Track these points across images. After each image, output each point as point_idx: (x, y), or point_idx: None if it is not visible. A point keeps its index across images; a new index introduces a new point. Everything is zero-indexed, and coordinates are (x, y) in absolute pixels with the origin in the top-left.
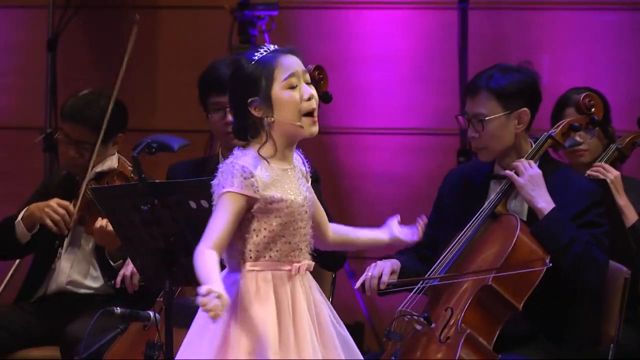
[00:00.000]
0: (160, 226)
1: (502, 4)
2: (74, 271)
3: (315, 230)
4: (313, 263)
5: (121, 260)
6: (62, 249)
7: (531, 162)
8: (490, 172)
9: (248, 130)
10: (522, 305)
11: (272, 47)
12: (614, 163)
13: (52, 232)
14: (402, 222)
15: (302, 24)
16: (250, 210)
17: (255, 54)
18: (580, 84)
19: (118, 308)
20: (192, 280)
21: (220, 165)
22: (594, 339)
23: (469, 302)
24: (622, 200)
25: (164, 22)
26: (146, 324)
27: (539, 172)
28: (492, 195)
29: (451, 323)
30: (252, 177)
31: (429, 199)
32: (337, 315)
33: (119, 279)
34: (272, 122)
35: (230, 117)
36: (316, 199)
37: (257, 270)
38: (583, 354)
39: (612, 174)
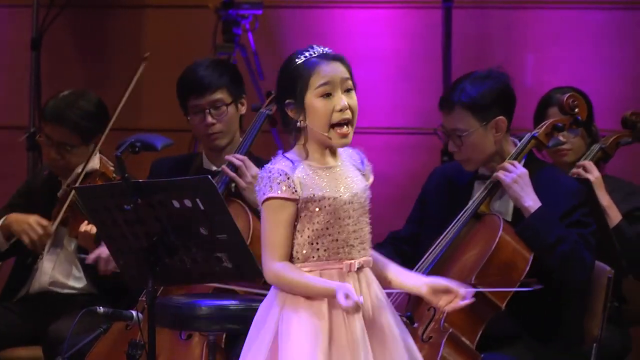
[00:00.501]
0: (143, 226)
1: (486, 3)
2: (57, 271)
3: None
4: (370, 260)
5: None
6: (44, 250)
7: (516, 162)
8: (474, 173)
9: (289, 127)
10: (505, 304)
11: (319, 50)
12: (597, 163)
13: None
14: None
15: (286, 23)
16: (296, 212)
17: (302, 55)
18: (565, 83)
19: (101, 307)
20: (175, 280)
21: (260, 171)
22: (578, 339)
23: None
24: (605, 200)
25: (149, 21)
26: (129, 323)
27: (525, 171)
28: (476, 195)
29: (434, 322)
30: (289, 179)
31: (413, 197)
32: (399, 320)
33: (92, 256)
34: (304, 126)
35: (209, 119)
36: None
37: (306, 271)
38: (566, 353)
39: (593, 175)
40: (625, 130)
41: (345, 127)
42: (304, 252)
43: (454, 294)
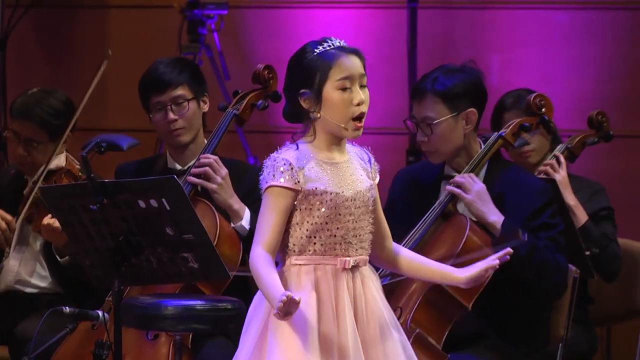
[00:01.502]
0: (109, 225)
1: (451, 4)
2: (22, 270)
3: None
4: (367, 258)
5: (68, 257)
6: (9, 248)
7: (473, 176)
8: (440, 173)
9: (296, 116)
10: (471, 304)
11: (337, 43)
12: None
13: None
14: None
15: (251, 24)
16: (294, 203)
17: (319, 46)
18: (530, 83)
19: (67, 307)
20: (141, 280)
21: (266, 159)
22: (543, 339)
23: (419, 301)
24: (572, 200)
25: (114, 21)
26: (95, 323)
27: (483, 186)
28: (442, 196)
29: (400, 322)
30: (292, 169)
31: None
32: (396, 320)
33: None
34: (318, 117)
35: (171, 115)
36: (378, 203)
37: (300, 264)
38: (532, 353)
39: (560, 175)
40: (591, 130)
41: (360, 120)
42: (301, 245)
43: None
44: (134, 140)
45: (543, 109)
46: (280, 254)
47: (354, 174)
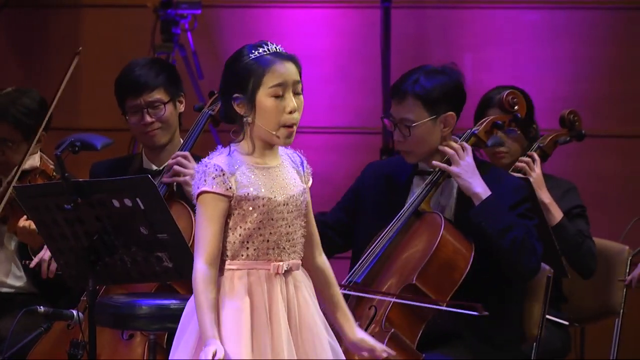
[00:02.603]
0: (83, 225)
1: (424, 3)
2: None
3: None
4: (299, 263)
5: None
6: None
7: (469, 149)
8: (414, 169)
9: (231, 119)
10: (445, 304)
11: (274, 48)
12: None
13: None
14: None
15: (225, 23)
16: (231, 211)
17: (255, 50)
18: (503, 82)
19: (41, 307)
20: (115, 279)
21: (197, 164)
22: (518, 338)
23: (393, 301)
24: (547, 198)
25: (87, 20)
26: (70, 323)
27: (472, 161)
28: (416, 192)
29: (375, 322)
30: (224, 174)
31: None
32: (326, 323)
33: (35, 261)
34: (250, 123)
35: (148, 119)
36: (310, 208)
37: (233, 269)
38: (506, 352)
39: (534, 173)
40: (563, 129)
41: (291, 127)
42: (234, 250)
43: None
44: (108, 140)
45: (516, 107)
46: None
47: (286, 178)
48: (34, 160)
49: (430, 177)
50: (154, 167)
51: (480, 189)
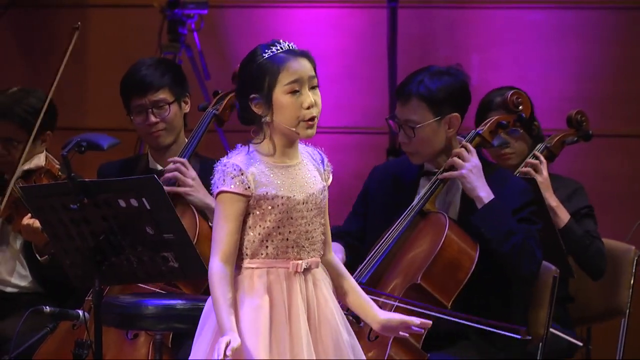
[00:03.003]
0: (89, 225)
1: (431, 3)
2: (2, 269)
3: None
4: (319, 261)
5: (47, 256)
6: None
7: (474, 151)
8: (420, 169)
9: (249, 120)
10: (450, 303)
11: (286, 46)
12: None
13: None
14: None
15: (231, 23)
16: (246, 208)
17: (268, 49)
18: (510, 82)
19: (47, 307)
20: (121, 279)
21: (217, 163)
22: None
23: (398, 300)
24: (554, 201)
25: (93, 20)
26: (75, 322)
27: (479, 163)
28: (422, 193)
29: None
30: (242, 174)
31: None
32: (347, 323)
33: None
34: (269, 122)
35: (152, 119)
36: (326, 207)
37: (253, 268)
38: (512, 352)
39: (541, 175)
40: (571, 129)
41: (311, 121)
42: (254, 248)
43: (409, 324)
44: (115, 140)
45: (520, 107)
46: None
47: (306, 176)
48: (39, 160)
49: (435, 176)
50: (159, 167)
51: (484, 192)
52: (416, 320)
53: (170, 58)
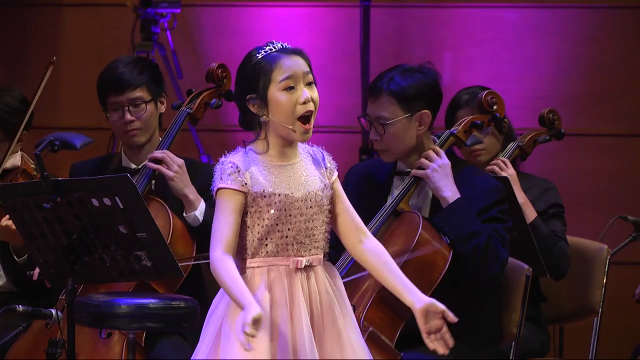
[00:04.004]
0: (62, 224)
1: (404, 2)
2: None
3: (339, 229)
4: (321, 257)
5: (26, 256)
6: None
7: (442, 152)
8: (393, 169)
9: (250, 123)
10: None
11: (279, 45)
12: (514, 160)
13: None
14: None
15: (204, 22)
16: (246, 209)
17: (262, 50)
18: (483, 82)
19: (20, 306)
20: (94, 278)
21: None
22: (496, 337)
23: (371, 299)
24: (521, 197)
25: (67, 19)
26: (49, 321)
27: (448, 162)
28: (395, 193)
29: None
30: (239, 171)
31: None
32: (354, 319)
33: (37, 274)
34: (267, 120)
35: (128, 116)
36: (342, 198)
37: (254, 267)
38: (485, 351)
39: (507, 172)
40: (543, 128)
41: (308, 121)
42: (254, 248)
43: (447, 314)
44: (88, 139)
45: (495, 107)
46: (236, 259)
47: (305, 174)
48: (15, 160)
49: (407, 178)
50: (133, 166)
51: (449, 192)
52: (451, 313)
53: (144, 57)
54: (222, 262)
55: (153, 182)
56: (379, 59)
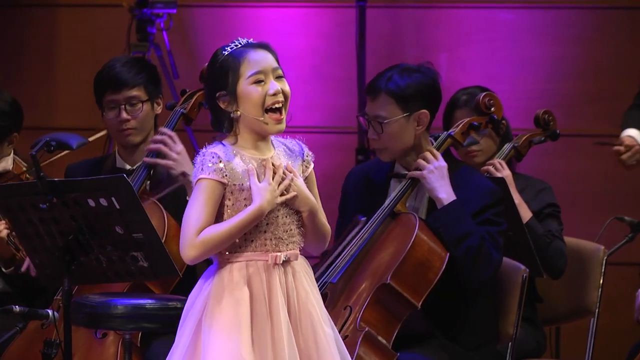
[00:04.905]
0: (58, 224)
1: (400, 3)
2: None
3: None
4: (298, 252)
5: (13, 267)
6: None
7: (438, 154)
8: (390, 171)
9: (221, 123)
10: (421, 303)
11: (244, 41)
12: (510, 161)
13: None
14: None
15: (200, 23)
16: (223, 201)
17: (227, 47)
18: (477, 82)
19: (17, 306)
20: (90, 279)
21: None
22: (491, 337)
23: (368, 300)
24: (516, 198)
25: (62, 19)
26: (45, 322)
27: (445, 164)
28: (392, 194)
29: (350, 321)
30: (220, 162)
31: (327, 197)
32: (327, 315)
33: (25, 266)
34: (237, 116)
35: (124, 115)
36: (313, 191)
37: (232, 262)
38: (481, 352)
39: (502, 173)
40: (538, 129)
41: (279, 112)
42: (232, 243)
43: None
44: (84, 139)
45: (492, 108)
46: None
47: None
48: (7, 163)
49: (405, 180)
50: (128, 167)
51: (444, 194)
52: None
53: (142, 57)
54: (202, 237)
55: (147, 182)
56: (374, 59)
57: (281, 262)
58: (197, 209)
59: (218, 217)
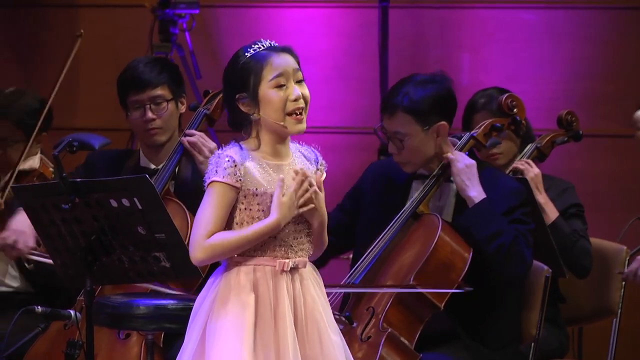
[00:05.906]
0: (80, 225)
1: (422, 3)
2: None
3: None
4: (306, 260)
5: (33, 264)
6: None
7: (462, 154)
8: (412, 172)
9: (239, 124)
10: (444, 304)
11: (267, 44)
12: (533, 162)
13: None
14: None
15: (223, 23)
16: (236, 204)
17: (250, 48)
18: (500, 82)
19: (39, 307)
20: (112, 279)
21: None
22: (515, 338)
23: (390, 301)
24: (542, 198)
25: (85, 20)
26: (67, 322)
27: (474, 163)
28: (414, 195)
29: (372, 322)
30: (236, 166)
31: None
32: (334, 322)
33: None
34: (257, 119)
35: (149, 114)
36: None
37: (240, 265)
38: (504, 352)
39: (532, 172)
40: (561, 129)
41: (300, 114)
42: None
43: None
44: (106, 139)
45: (515, 110)
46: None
47: None
48: (33, 162)
49: (429, 179)
50: (152, 166)
51: (475, 192)
52: None
53: (163, 57)
54: (212, 241)
55: (172, 182)
56: (396, 60)
57: (289, 269)
58: (208, 211)
59: (229, 220)
